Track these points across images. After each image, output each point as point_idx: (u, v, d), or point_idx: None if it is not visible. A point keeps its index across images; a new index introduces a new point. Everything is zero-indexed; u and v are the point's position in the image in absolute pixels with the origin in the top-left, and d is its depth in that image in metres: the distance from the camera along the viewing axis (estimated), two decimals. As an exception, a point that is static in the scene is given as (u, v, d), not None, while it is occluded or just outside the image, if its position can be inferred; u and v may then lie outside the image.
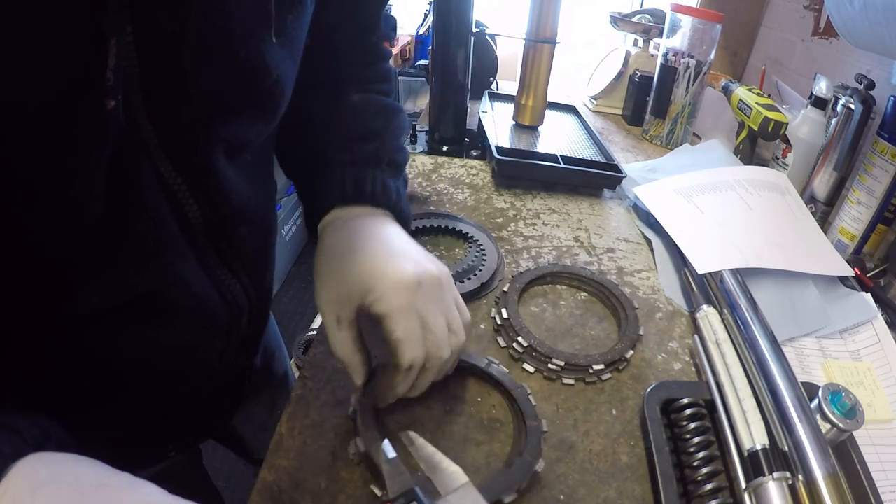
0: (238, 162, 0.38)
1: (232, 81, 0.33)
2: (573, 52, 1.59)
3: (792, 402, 0.39)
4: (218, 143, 0.35)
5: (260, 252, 0.45)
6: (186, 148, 0.33)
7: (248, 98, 0.35)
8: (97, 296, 0.32)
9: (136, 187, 0.31)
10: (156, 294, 0.35)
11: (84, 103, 0.26)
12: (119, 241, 0.32)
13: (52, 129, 0.25)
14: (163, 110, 0.30)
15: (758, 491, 0.35)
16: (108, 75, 0.26)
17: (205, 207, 0.36)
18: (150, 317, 0.36)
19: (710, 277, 0.55)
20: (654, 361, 0.49)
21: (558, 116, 0.98)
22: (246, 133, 0.37)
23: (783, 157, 0.84)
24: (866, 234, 0.70)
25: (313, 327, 1.81)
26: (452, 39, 0.77)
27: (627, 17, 1.12)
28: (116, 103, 0.27)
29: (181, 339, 0.39)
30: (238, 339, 0.45)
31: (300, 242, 2.26)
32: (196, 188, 0.34)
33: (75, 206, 0.28)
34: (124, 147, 0.29)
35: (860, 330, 0.56)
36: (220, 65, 0.31)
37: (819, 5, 0.93)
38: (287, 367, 0.73)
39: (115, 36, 0.25)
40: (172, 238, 0.35)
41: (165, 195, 0.33)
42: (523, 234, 0.65)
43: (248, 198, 0.40)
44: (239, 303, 0.42)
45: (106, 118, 0.27)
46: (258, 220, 0.43)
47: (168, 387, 0.43)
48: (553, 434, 0.41)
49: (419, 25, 2.16)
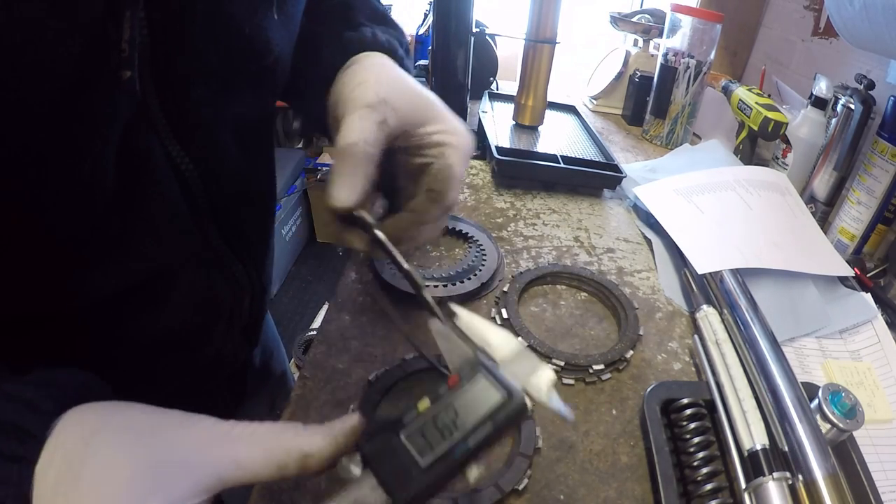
0: (241, 141, 0.38)
1: (237, 59, 0.33)
2: (573, 52, 1.59)
3: (792, 402, 0.39)
4: (223, 121, 0.35)
5: (261, 233, 0.45)
6: (193, 127, 0.33)
7: (251, 76, 0.35)
8: (107, 278, 0.33)
9: (147, 166, 0.31)
10: (163, 275, 0.35)
11: (99, 75, 0.26)
12: (131, 221, 0.32)
13: (66, 102, 0.25)
14: (171, 88, 0.30)
15: (758, 491, 0.35)
16: (122, 46, 0.26)
17: (211, 187, 0.36)
18: (156, 301, 0.37)
19: (710, 277, 0.55)
20: (654, 361, 0.49)
21: (558, 116, 0.98)
22: (249, 110, 0.37)
23: (783, 157, 0.84)
24: (866, 234, 0.70)
25: (313, 327, 1.81)
26: (452, 39, 0.77)
27: (627, 17, 1.12)
28: (132, 74, 0.27)
29: (186, 323, 0.40)
30: (240, 325, 0.45)
31: (300, 242, 2.26)
32: (202, 167, 0.35)
33: (88, 184, 0.28)
34: (134, 126, 0.29)
35: (860, 330, 0.56)
36: (226, 42, 0.31)
37: (819, 5, 0.93)
38: (286, 367, 0.73)
39: (130, 8, 0.26)
40: (182, 217, 0.35)
41: (175, 174, 0.33)
42: (523, 234, 0.65)
43: (250, 178, 0.40)
44: (241, 283, 0.42)
45: (121, 89, 0.27)
46: (259, 201, 0.43)
47: (171, 378, 0.43)
48: (553, 434, 0.41)
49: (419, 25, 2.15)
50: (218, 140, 0.35)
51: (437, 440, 0.23)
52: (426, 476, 0.23)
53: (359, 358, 0.45)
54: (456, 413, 0.24)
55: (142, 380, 0.41)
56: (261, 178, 0.42)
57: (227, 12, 0.31)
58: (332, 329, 0.47)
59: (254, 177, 0.40)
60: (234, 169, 0.38)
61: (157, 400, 0.42)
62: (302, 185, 2.18)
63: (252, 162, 0.40)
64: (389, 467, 0.23)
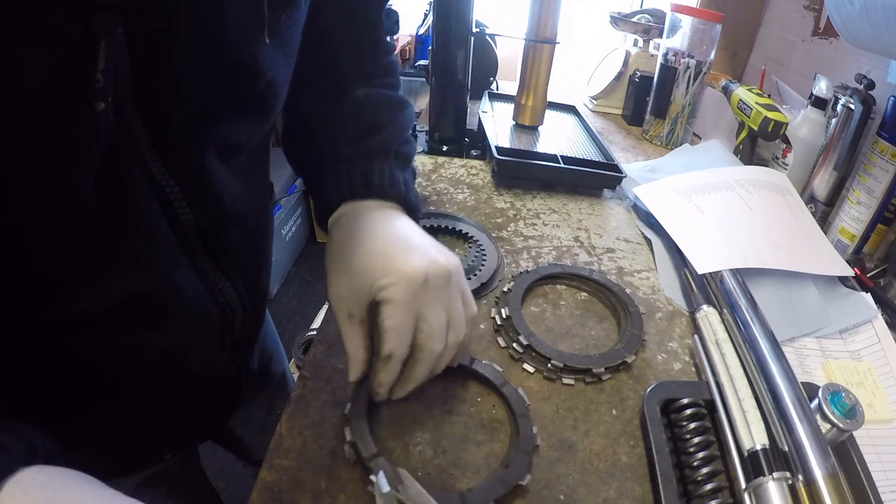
0: (231, 164, 0.37)
1: (224, 82, 0.32)
2: (573, 52, 1.59)
3: (792, 402, 0.39)
4: (210, 144, 0.34)
5: (254, 255, 0.45)
6: (179, 150, 0.32)
7: (240, 99, 0.34)
8: (88, 299, 0.32)
9: (128, 190, 0.31)
10: (147, 297, 0.35)
11: (73, 105, 0.25)
12: (110, 244, 0.31)
13: (41, 131, 0.25)
14: (154, 112, 0.30)
15: (758, 491, 0.35)
16: (97, 77, 0.25)
17: (197, 210, 0.35)
18: (142, 320, 0.36)
19: (710, 277, 0.55)
20: (654, 361, 0.49)
21: (558, 116, 0.98)
22: (239, 135, 0.36)
23: (783, 157, 0.84)
24: (866, 234, 0.70)
25: (313, 327, 1.81)
26: (452, 39, 0.77)
27: (627, 17, 1.12)
28: (106, 105, 0.26)
29: (173, 343, 0.39)
30: (232, 343, 0.45)
31: (300, 242, 2.26)
32: (188, 190, 0.34)
33: (66, 209, 0.28)
34: (115, 149, 0.28)
35: (860, 330, 0.56)
36: (212, 66, 0.31)
37: (819, 5, 0.93)
38: (285, 368, 0.72)
39: (105, 38, 0.25)
40: (164, 240, 0.34)
41: (157, 197, 0.33)
42: (523, 234, 0.65)
43: (241, 200, 0.39)
44: (232, 306, 0.42)
45: (96, 121, 0.26)
46: (252, 223, 0.42)
47: (160, 390, 0.43)
48: (553, 434, 0.41)
49: (419, 25, 2.15)
50: (204, 163, 0.34)
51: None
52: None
53: (359, 358, 0.45)
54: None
55: (129, 388, 0.41)
56: (252, 200, 0.41)
57: (211, 36, 0.30)
58: (332, 329, 0.47)
59: (244, 198, 0.40)
60: (222, 191, 0.37)
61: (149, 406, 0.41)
62: (302, 185, 2.18)
63: (242, 184, 0.39)
64: None
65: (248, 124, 0.37)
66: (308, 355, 0.45)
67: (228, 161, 0.37)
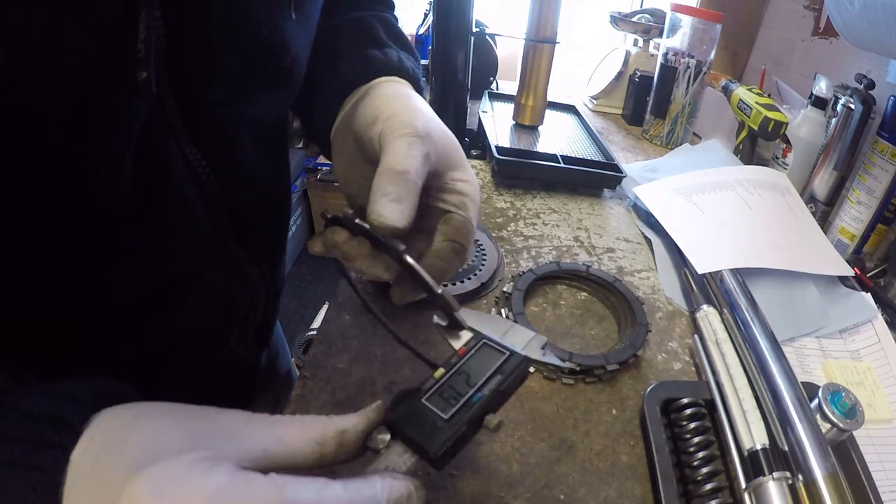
0: (258, 142, 0.37)
1: (254, 59, 0.32)
2: (573, 52, 1.59)
3: (792, 401, 0.39)
4: (240, 123, 0.35)
5: (276, 236, 0.45)
6: (210, 128, 0.32)
7: (268, 76, 0.34)
8: (125, 281, 0.32)
9: (164, 169, 0.31)
10: (180, 279, 0.35)
11: (115, 75, 0.25)
12: (148, 225, 0.31)
13: (82, 104, 0.25)
14: (189, 90, 0.30)
15: (758, 491, 0.35)
16: (139, 47, 0.26)
17: (227, 189, 0.35)
18: (174, 304, 0.36)
19: (710, 277, 0.55)
20: (654, 361, 0.49)
21: (558, 116, 0.98)
22: (266, 112, 0.36)
23: (783, 157, 0.84)
24: (866, 233, 0.70)
25: (313, 327, 1.81)
26: (452, 39, 0.77)
27: (627, 17, 1.12)
28: (148, 74, 0.26)
29: (202, 326, 0.39)
30: (254, 327, 0.45)
31: (300, 242, 2.26)
32: (218, 169, 0.34)
33: (105, 187, 0.28)
34: (151, 128, 0.29)
35: (860, 330, 0.56)
36: (244, 42, 0.31)
37: (819, 5, 0.93)
38: (290, 366, 0.73)
39: (146, 7, 0.25)
40: (199, 221, 0.34)
41: (191, 177, 0.33)
42: (523, 234, 0.65)
43: (266, 179, 0.39)
44: (257, 287, 0.42)
45: (137, 90, 0.26)
46: (275, 203, 0.43)
47: (184, 380, 0.43)
48: (553, 434, 0.41)
49: (419, 25, 2.15)
50: (234, 141, 0.35)
51: (454, 397, 0.26)
52: (450, 426, 0.25)
53: (359, 358, 0.45)
54: (468, 374, 0.27)
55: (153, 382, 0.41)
56: (276, 180, 0.41)
57: (243, 12, 0.30)
58: (332, 329, 0.47)
59: (269, 178, 0.40)
60: (250, 171, 0.37)
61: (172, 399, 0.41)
62: (302, 185, 2.18)
63: (268, 163, 0.39)
64: (416, 427, 0.25)
65: (274, 101, 0.37)
66: (308, 355, 0.45)
67: (255, 140, 0.37)
